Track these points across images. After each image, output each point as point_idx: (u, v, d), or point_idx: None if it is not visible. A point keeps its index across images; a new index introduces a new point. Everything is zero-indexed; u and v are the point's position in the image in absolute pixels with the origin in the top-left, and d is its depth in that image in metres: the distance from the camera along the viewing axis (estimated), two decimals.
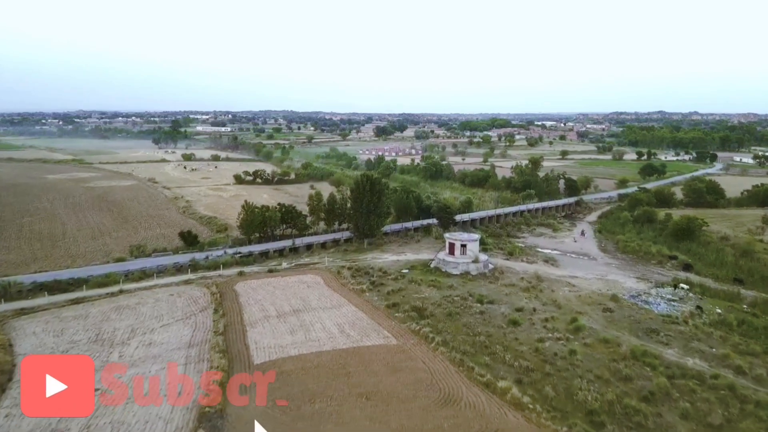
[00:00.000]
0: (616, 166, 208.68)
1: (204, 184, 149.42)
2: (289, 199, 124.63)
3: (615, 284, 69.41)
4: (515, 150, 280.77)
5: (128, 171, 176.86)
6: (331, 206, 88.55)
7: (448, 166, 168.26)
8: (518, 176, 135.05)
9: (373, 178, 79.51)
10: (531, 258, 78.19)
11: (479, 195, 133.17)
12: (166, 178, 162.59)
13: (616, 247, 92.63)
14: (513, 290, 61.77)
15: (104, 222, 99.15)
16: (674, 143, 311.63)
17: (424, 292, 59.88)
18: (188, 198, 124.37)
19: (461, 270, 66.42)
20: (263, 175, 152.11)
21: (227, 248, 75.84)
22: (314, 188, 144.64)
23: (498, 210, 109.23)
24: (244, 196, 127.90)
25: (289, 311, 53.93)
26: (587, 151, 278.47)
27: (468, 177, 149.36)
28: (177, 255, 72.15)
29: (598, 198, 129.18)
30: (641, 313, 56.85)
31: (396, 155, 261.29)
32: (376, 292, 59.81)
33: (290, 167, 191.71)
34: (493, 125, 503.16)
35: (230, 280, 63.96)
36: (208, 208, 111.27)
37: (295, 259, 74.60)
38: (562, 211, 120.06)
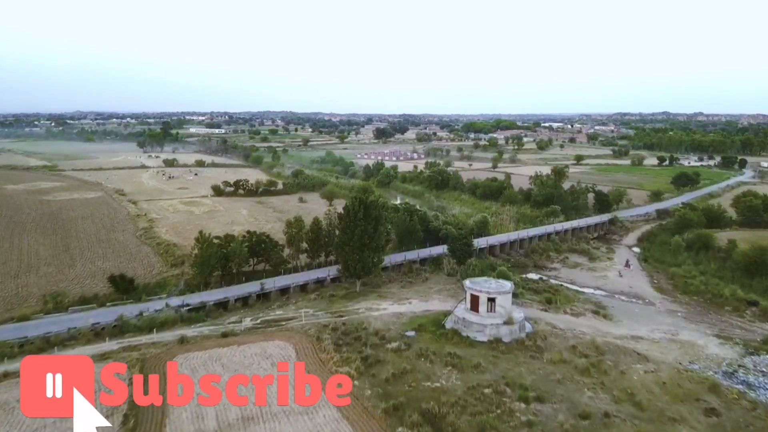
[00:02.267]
0: (639, 173, 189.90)
1: (178, 196, 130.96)
2: (271, 216, 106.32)
3: (694, 349, 51.37)
4: (525, 154, 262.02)
5: (99, 180, 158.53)
6: (316, 234, 70.02)
7: (455, 175, 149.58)
8: (539, 188, 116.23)
9: (367, 201, 60.90)
10: (576, 308, 59.57)
11: (493, 210, 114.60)
12: (138, 188, 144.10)
13: (672, 284, 74.30)
14: (566, 371, 43.18)
15: (40, 250, 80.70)
16: (692, 146, 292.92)
17: (439, 378, 41.30)
18: (153, 215, 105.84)
19: (489, 335, 47.84)
20: (246, 186, 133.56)
21: (173, 296, 57.31)
22: (303, 201, 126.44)
23: (521, 233, 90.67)
24: (219, 212, 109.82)
25: (235, 421, 35.52)
26: (602, 155, 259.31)
27: (479, 188, 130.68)
28: (102, 309, 53.70)
29: (633, 215, 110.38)
30: (760, 416, 38.38)
31: (397, 160, 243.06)
32: (370, 377, 41.28)
33: (280, 174, 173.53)
34: (497, 127, 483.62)
35: (164, 353, 45.24)
36: (173, 230, 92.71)
37: (263, 311, 56.04)
38: (594, 232, 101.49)
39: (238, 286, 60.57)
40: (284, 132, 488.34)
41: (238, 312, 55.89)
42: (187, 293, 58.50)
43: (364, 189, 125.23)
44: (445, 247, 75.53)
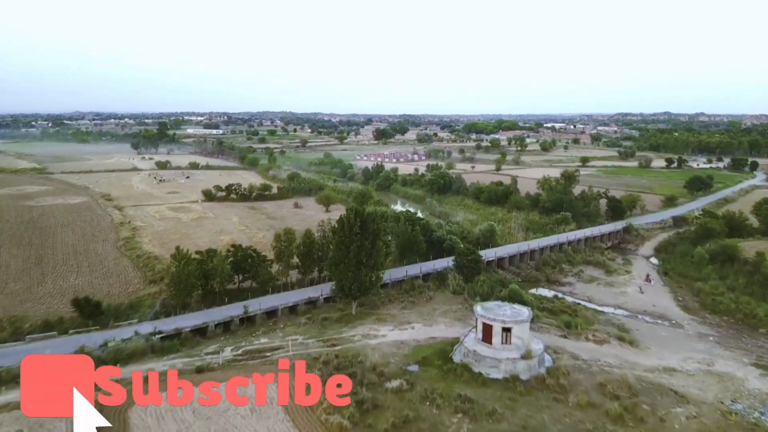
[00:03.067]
0: (648, 176, 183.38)
1: (167, 201, 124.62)
2: (263, 223, 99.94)
3: (734, 383, 45.44)
4: (528, 155, 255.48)
5: (87, 183, 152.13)
6: (308, 248, 63.63)
7: (458, 178, 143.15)
8: (547, 193, 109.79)
9: (364, 213, 54.49)
10: (598, 333, 53.15)
11: (500, 217, 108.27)
12: (126, 192, 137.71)
13: (699, 302, 68.05)
14: (597, 418, 36.81)
15: (11, 264, 74.43)
16: (699, 148, 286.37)
17: (448, 429, 34.97)
18: (138, 223, 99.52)
19: (505, 371, 41.45)
20: (238, 190, 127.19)
21: (146, 321, 50.99)
22: (299, 206, 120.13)
23: (531, 243, 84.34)
24: (208, 219, 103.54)
25: None
26: (608, 156, 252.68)
27: (484, 192, 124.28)
28: (64, 337, 47.35)
29: (649, 222, 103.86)
30: None
31: (397, 161, 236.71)
32: (366, 428, 34.92)
33: (275, 178, 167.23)
34: (499, 127, 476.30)
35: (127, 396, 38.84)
36: (157, 240, 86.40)
37: (247, 338, 49.68)
38: (608, 241, 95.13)
39: (219, 309, 54.11)
40: (283, 133, 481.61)
41: (218, 339, 49.54)
42: (162, 316, 52.16)
43: (363, 194, 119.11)
44: (451, 260, 69.20)
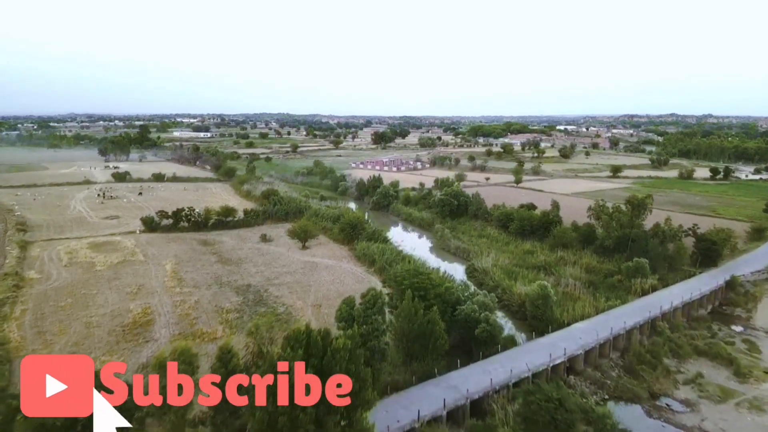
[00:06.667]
0: (696, 191, 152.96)
1: (97, 231, 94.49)
2: (207, 275, 68.34)
3: None
4: (548, 163, 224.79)
5: (15, 203, 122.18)
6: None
7: (476, 198, 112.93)
8: (608, 227, 79.28)
9: (323, 345, 24.56)
10: None
11: (541, 259, 78.01)
12: (56, 217, 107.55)
13: None
14: None
15: None
16: (736, 154, 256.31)
17: None
18: (32, 272, 69.47)
19: None
20: (191, 216, 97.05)
21: None
22: (267, 239, 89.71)
23: (610, 319, 53.81)
24: (133, 265, 73.00)
25: None
26: (639, 165, 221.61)
27: (514, 221, 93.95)
28: None
29: (752, 272, 73.19)
30: None
31: (397, 170, 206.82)
32: None
33: (249, 194, 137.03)
34: (508, 130, 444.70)
35: None
36: (36, 310, 56.17)
37: None
38: (707, 304, 64.99)
39: None
40: (276, 136, 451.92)
41: None
42: None
43: (353, 224, 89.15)
44: (494, 371, 39.08)
